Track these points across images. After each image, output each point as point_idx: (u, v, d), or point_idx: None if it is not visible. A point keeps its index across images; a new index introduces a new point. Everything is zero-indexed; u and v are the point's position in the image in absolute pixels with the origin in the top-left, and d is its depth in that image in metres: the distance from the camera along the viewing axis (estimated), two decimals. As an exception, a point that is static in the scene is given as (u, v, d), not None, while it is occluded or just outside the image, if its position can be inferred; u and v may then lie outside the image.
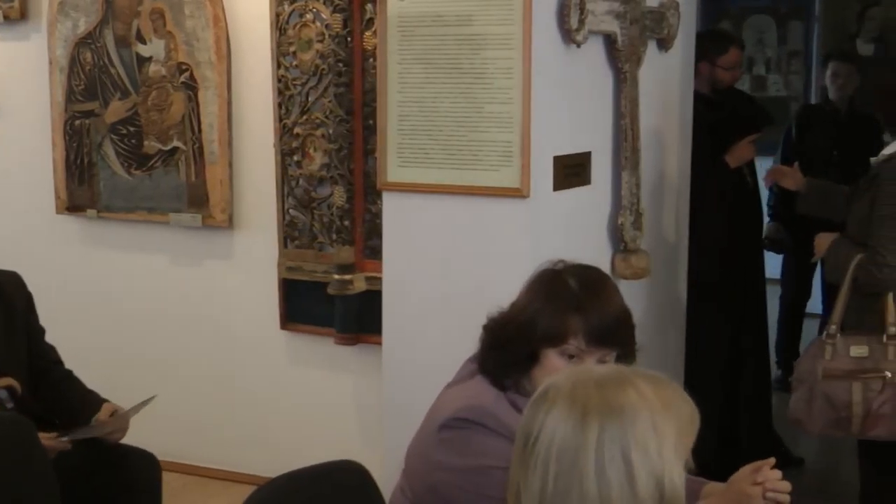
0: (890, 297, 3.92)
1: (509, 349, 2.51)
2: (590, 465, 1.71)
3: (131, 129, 5.39)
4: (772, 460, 2.52)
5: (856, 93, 6.56)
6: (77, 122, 5.50)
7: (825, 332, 4.02)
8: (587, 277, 2.58)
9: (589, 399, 1.75)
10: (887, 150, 4.04)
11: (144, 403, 3.87)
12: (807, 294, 6.95)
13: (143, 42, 5.29)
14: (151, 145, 5.35)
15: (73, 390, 3.90)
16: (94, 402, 3.86)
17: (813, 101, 8.59)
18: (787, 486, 2.48)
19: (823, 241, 4.21)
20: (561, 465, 1.73)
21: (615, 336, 2.53)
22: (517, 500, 1.79)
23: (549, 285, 2.55)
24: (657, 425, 1.73)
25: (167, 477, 3.93)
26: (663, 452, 1.73)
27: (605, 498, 1.71)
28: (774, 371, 6.14)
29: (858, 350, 3.93)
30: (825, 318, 6.54)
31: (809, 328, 6.91)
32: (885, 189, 3.94)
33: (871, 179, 4.07)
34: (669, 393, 1.80)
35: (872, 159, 4.15)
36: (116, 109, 5.41)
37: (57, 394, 3.86)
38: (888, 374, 3.86)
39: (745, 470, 2.52)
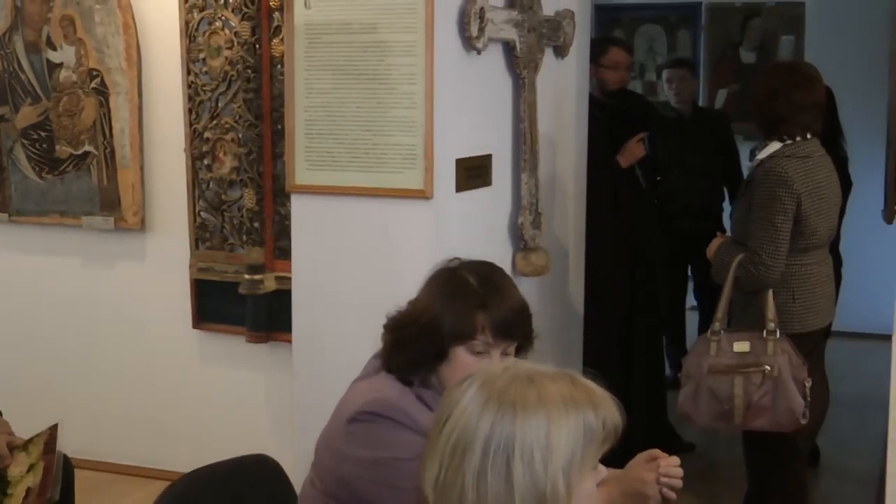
0: (769, 294, 3.98)
1: (416, 349, 2.49)
2: (473, 467, 1.65)
3: (42, 133, 5.30)
4: (661, 453, 2.54)
5: (693, 95, 6.68)
6: (-12, 128, 5.40)
7: (710, 330, 4.07)
8: (485, 273, 2.57)
9: (494, 388, 1.70)
10: (761, 155, 4.10)
11: (52, 439, 3.62)
12: (683, 292, 6.98)
13: (54, 48, 5.21)
14: (63, 150, 5.27)
15: None
16: None
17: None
18: (679, 471, 2.51)
19: (713, 245, 4.26)
20: (453, 458, 1.68)
21: (518, 328, 2.54)
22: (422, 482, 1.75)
23: (450, 284, 2.53)
24: (551, 434, 1.66)
25: (82, 474, 3.85)
26: (550, 465, 1.65)
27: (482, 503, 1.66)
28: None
29: (741, 346, 3.99)
30: (703, 314, 6.66)
31: (691, 319, 7.01)
32: (758, 192, 4.00)
33: (747, 183, 4.13)
34: (582, 395, 1.72)
35: (748, 163, 4.21)
36: (27, 114, 5.32)
37: None
38: (767, 367, 3.92)
39: (641, 457, 2.54)
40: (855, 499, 5.20)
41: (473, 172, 3.94)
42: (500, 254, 4.14)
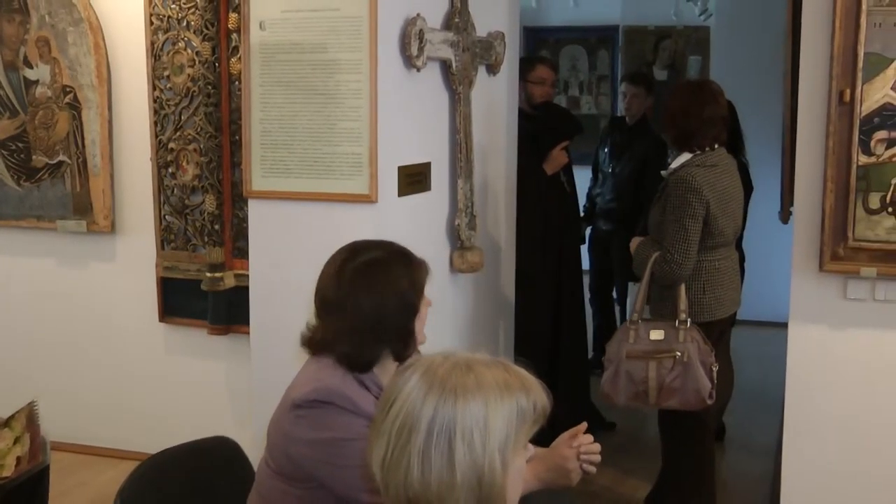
0: (682, 288, 4.01)
1: (401, 331, 2.50)
2: (418, 446, 1.65)
3: (20, 144, 5.24)
4: (584, 426, 2.55)
5: (649, 111, 6.63)
6: (-30, 140, 5.32)
7: (629, 319, 4.09)
8: (381, 245, 2.60)
9: (436, 375, 1.69)
10: (674, 164, 4.12)
11: (33, 413, 3.56)
12: (610, 281, 6.98)
13: (30, 67, 5.16)
14: (39, 159, 5.22)
15: None
16: None
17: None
18: (597, 447, 2.52)
19: (634, 243, 4.28)
20: (399, 439, 1.67)
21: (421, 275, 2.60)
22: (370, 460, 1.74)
23: (379, 271, 2.51)
24: (488, 417, 1.66)
25: (57, 456, 3.80)
26: (488, 445, 1.65)
27: (426, 480, 1.65)
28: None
29: (656, 334, 4.02)
30: (620, 304, 6.69)
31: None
32: (672, 198, 4.02)
33: (662, 189, 4.15)
34: (515, 381, 1.73)
35: (663, 172, 4.23)
36: (6, 127, 5.26)
37: None
38: (678, 353, 3.95)
39: (564, 436, 2.55)
40: (756, 469, 5.24)
41: (414, 179, 3.92)
42: (438, 252, 4.13)
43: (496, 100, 4.71)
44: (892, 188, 4.05)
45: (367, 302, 2.48)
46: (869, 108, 4.01)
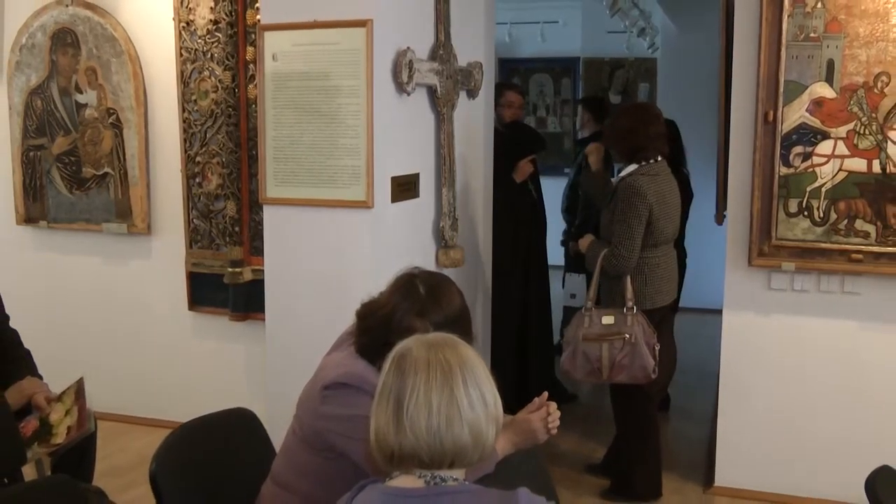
0: (628, 279, 4.01)
1: (371, 336, 2.45)
2: (464, 402, 1.76)
3: (72, 158, 5.24)
4: (545, 395, 2.56)
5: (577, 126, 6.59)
6: (31, 154, 5.33)
7: (584, 307, 4.09)
8: (433, 284, 2.50)
9: (445, 358, 1.78)
10: (623, 173, 4.12)
11: (80, 388, 3.52)
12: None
13: (80, 92, 5.15)
14: (88, 171, 5.21)
15: (25, 370, 3.57)
16: (32, 382, 3.45)
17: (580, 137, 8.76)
18: (559, 413, 2.55)
19: (585, 241, 4.28)
20: (441, 402, 1.75)
21: (453, 331, 2.48)
22: (383, 443, 1.80)
23: (404, 288, 2.47)
24: (483, 366, 1.82)
25: (102, 424, 3.77)
26: (492, 383, 1.82)
27: (476, 418, 1.77)
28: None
29: (607, 319, 4.01)
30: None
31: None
32: (619, 201, 4.02)
33: (612, 194, 4.15)
34: (474, 353, 1.86)
35: (613, 179, 4.23)
36: (60, 144, 5.26)
37: (12, 369, 3.57)
38: (626, 335, 3.96)
39: (531, 406, 2.56)
40: (696, 433, 5.25)
41: (404, 187, 3.91)
42: (425, 250, 4.12)
43: (475, 119, 4.70)
44: (807, 195, 4.07)
45: (382, 296, 2.51)
46: (788, 126, 4.03)
